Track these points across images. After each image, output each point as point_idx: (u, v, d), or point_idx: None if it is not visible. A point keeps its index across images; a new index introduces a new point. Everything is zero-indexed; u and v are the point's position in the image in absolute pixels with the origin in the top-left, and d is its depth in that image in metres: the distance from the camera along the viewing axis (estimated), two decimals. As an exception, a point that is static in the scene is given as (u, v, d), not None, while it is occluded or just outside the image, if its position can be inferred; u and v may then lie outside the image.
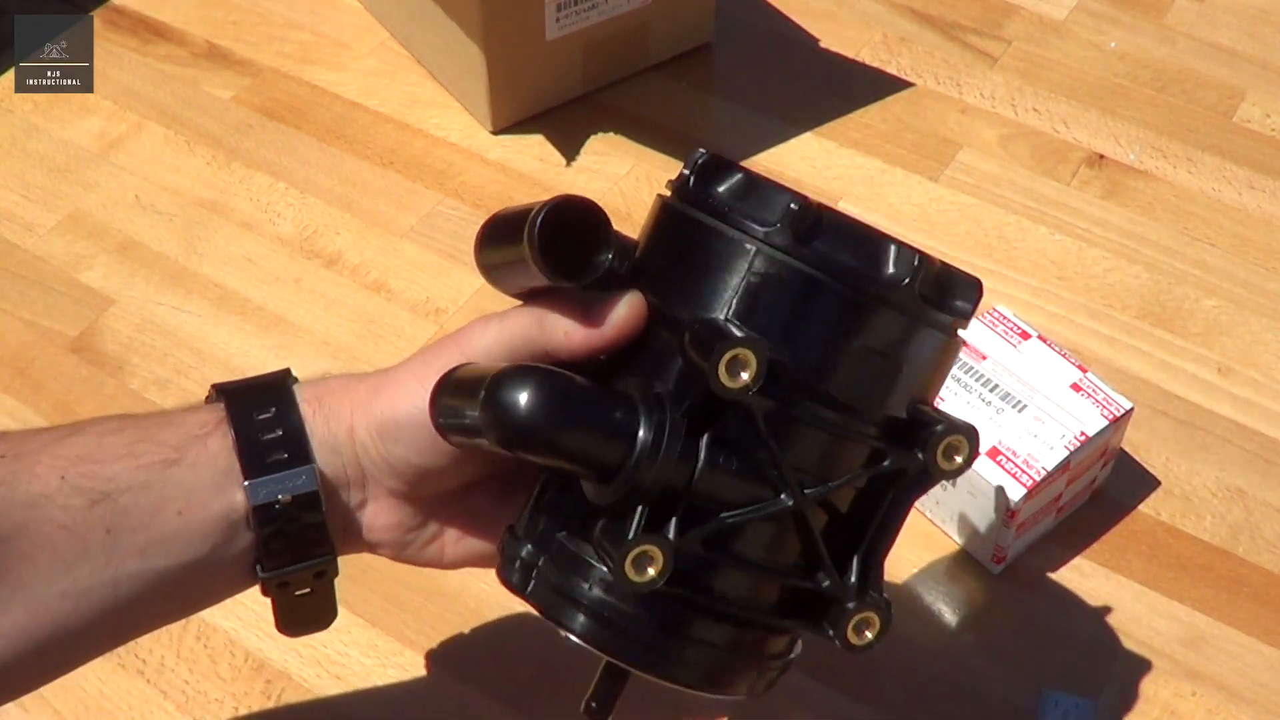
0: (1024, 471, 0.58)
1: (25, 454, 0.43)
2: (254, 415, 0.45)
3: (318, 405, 0.46)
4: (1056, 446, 0.59)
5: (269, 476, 0.45)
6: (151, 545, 0.44)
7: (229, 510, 0.45)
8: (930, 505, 0.64)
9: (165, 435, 0.45)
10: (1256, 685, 0.59)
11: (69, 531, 0.43)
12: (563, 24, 0.81)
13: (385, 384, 0.46)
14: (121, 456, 0.44)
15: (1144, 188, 0.81)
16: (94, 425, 0.45)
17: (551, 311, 0.44)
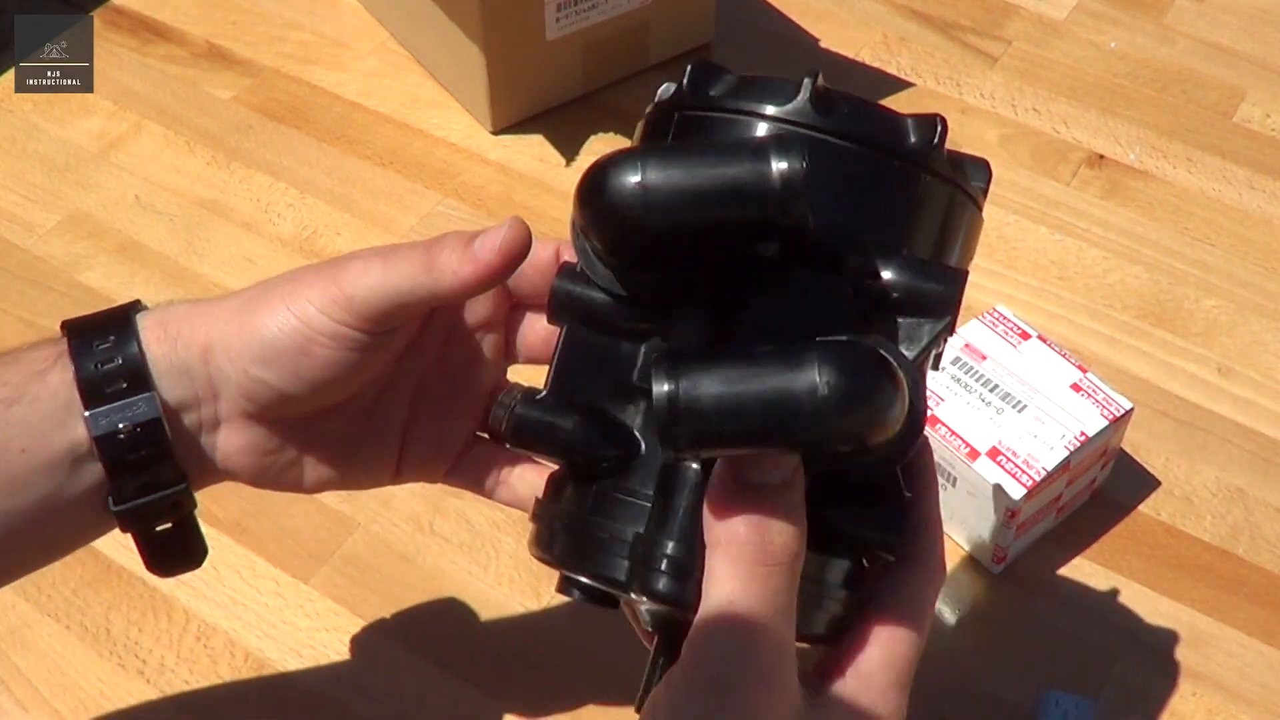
0: (1024, 471, 0.58)
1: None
2: (94, 346, 0.44)
3: (162, 332, 0.45)
4: (1056, 447, 0.59)
5: (108, 406, 0.44)
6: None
7: (73, 445, 0.44)
8: None
9: (7, 374, 0.44)
10: (1256, 685, 0.59)
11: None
12: (563, 24, 0.82)
13: (250, 307, 0.45)
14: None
15: (1144, 188, 0.81)
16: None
17: (440, 251, 0.43)
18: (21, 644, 0.61)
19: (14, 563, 0.47)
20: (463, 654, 0.60)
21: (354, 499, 0.66)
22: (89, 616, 0.62)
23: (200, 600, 0.62)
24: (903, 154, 0.39)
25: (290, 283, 0.45)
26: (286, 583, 0.63)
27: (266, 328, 0.44)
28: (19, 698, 0.59)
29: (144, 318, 0.46)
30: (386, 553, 0.64)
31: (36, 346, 0.45)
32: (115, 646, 0.61)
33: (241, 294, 0.46)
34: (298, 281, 0.45)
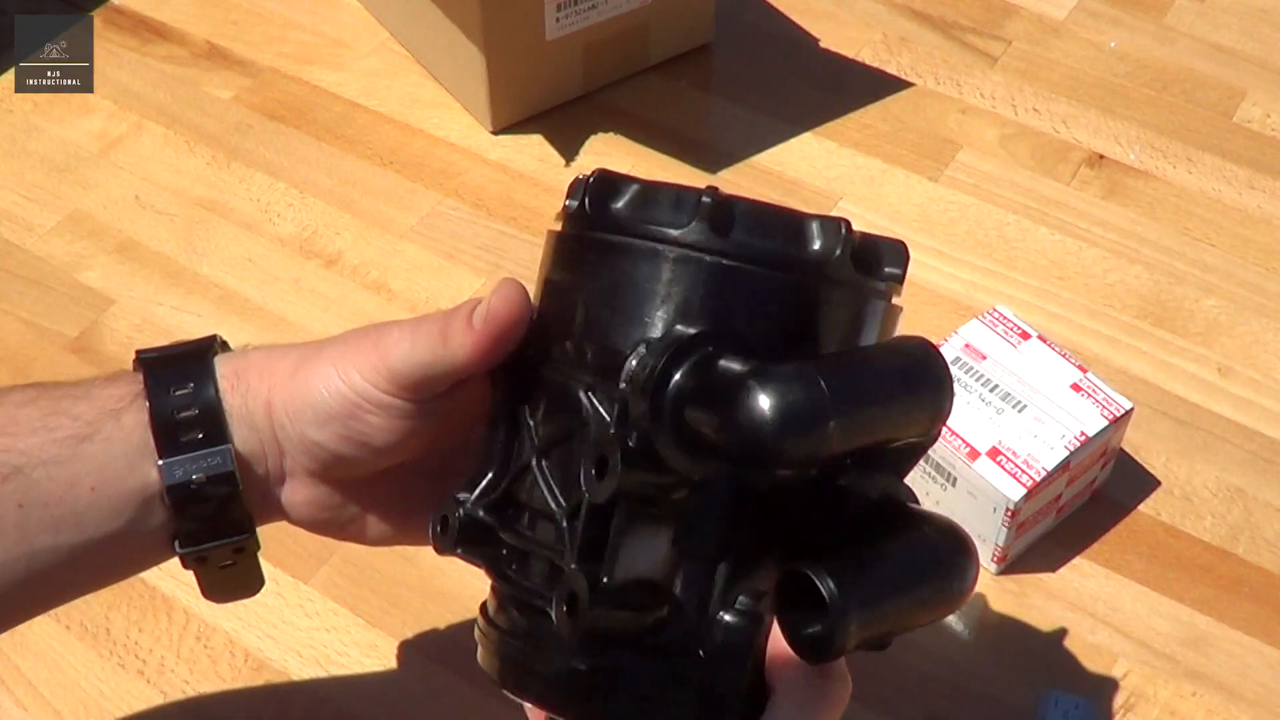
0: (1024, 471, 0.58)
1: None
2: (171, 390, 0.44)
3: (236, 380, 0.45)
4: (1056, 446, 0.59)
5: (184, 456, 0.44)
6: (64, 521, 0.44)
7: (143, 487, 0.44)
8: (930, 505, 0.63)
9: (80, 409, 0.44)
10: (1256, 685, 0.59)
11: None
12: (563, 24, 0.81)
13: (303, 367, 0.45)
14: (35, 430, 0.43)
15: (1144, 188, 0.81)
16: (7, 396, 0.44)
17: (451, 322, 0.43)
18: (21, 644, 0.61)
19: (73, 590, 0.47)
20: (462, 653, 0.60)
21: (354, 499, 0.66)
22: (89, 616, 0.61)
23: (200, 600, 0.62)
24: (804, 266, 0.38)
25: (341, 346, 0.45)
26: (286, 583, 0.63)
27: (318, 392, 0.44)
28: (19, 698, 0.59)
29: (221, 364, 0.45)
30: (386, 553, 0.64)
31: (112, 381, 0.45)
32: (115, 646, 0.61)
33: (301, 350, 0.46)
34: (347, 346, 0.45)
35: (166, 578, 0.63)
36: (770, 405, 0.34)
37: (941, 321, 0.73)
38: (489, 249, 0.78)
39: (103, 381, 0.45)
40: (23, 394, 0.45)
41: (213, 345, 0.47)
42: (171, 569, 0.63)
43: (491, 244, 0.78)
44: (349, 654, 0.60)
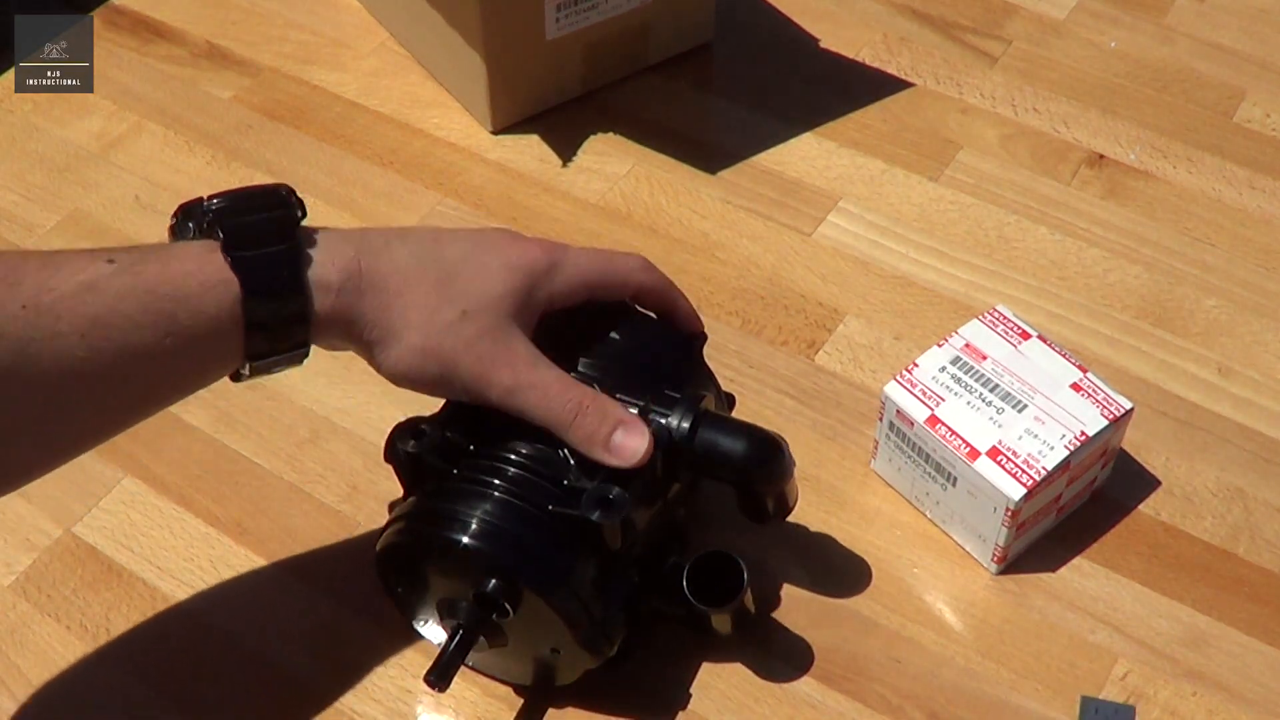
0: (1024, 471, 0.58)
1: (45, 308, 0.45)
2: (273, 333, 0.49)
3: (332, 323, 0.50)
4: (1057, 446, 0.59)
5: (268, 361, 0.51)
6: (161, 396, 0.51)
7: (234, 364, 0.50)
8: (930, 505, 0.64)
9: (182, 318, 0.47)
10: (1256, 685, 0.59)
11: (86, 388, 0.47)
12: (563, 24, 0.82)
13: (437, 356, 0.52)
14: (137, 327, 0.46)
15: (1144, 188, 0.81)
16: (105, 283, 0.46)
17: (586, 429, 0.53)
18: (21, 644, 0.61)
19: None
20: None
21: (354, 499, 0.66)
22: (89, 616, 0.62)
23: (200, 600, 0.62)
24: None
25: (482, 357, 0.52)
26: (287, 582, 0.63)
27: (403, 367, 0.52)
28: (19, 697, 0.59)
29: (319, 311, 0.50)
30: (386, 553, 0.64)
31: (211, 291, 0.48)
32: (115, 646, 0.61)
33: (442, 332, 0.52)
34: (487, 360, 0.52)
35: (166, 577, 0.63)
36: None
37: (941, 321, 0.73)
38: (489, 249, 0.78)
39: (202, 289, 0.48)
40: (116, 281, 0.47)
41: (308, 300, 0.50)
42: (171, 570, 0.63)
43: (491, 244, 0.78)
44: (349, 653, 0.60)
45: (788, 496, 0.57)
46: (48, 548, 0.64)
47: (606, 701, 0.58)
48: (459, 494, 0.53)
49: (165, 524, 0.65)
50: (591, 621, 0.53)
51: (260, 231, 0.49)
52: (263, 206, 0.51)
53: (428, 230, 0.54)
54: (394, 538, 0.53)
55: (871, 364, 0.71)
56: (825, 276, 0.76)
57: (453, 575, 0.53)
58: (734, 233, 0.78)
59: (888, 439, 0.64)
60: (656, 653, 0.59)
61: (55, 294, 0.45)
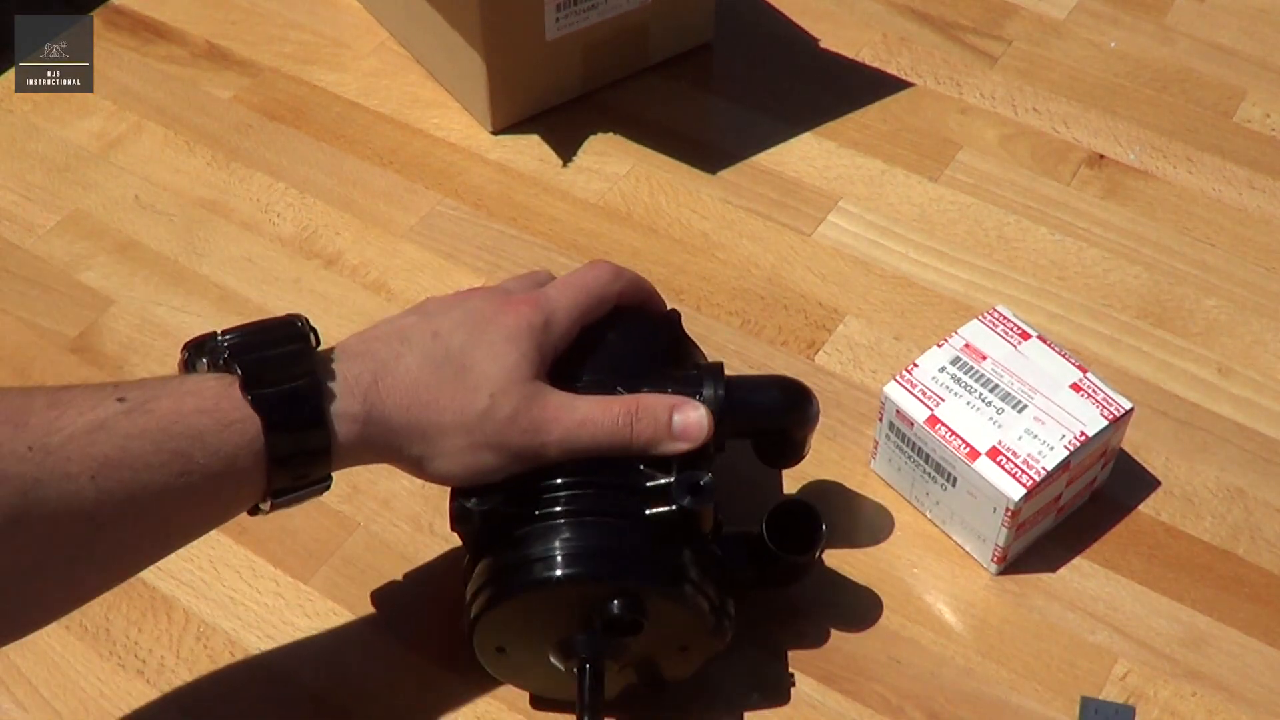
0: (1024, 471, 0.58)
1: (53, 449, 0.44)
2: (296, 469, 0.49)
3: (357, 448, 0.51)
4: (1056, 447, 0.59)
5: (290, 496, 0.50)
6: (177, 536, 0.50)
7: (253, 501, 0.50)
8: (930, 505, 0.64)
9: (198, 457, 0.46)
10: (1256, 685, 0.59)
11: (98, 530, 0.45)
12: (563, 24, 0.81)
13: (435, 452, 0.52)
14: (150, 467, 0.46)
15: (1144, 188, 0.81)
16: (115, 423, 0.46)
17: (644, 423, 0.54)
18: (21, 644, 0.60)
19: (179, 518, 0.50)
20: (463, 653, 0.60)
21: (354, 499, 0.66)
22: (89, 616, 0.61)
23: (200, 600, 0.62)
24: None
25: (515, 424, 0.52)
26: (286, 583, 0.63)
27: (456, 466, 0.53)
28: (19, 698, 0.59)
29: (340, 449, 0.50)
30: (386, 553, 0.64)
31: (230, 429, 0.47)
32: (115, 646, 0.61)
33: (461, 409, 0.52)
34: (522, 427, 0.52)
35: (166, 578, 0.63)
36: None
37: (941, 321, 0.73)
38: (488, 249, 0.78)
39: (220, 427, 0.47)
40: (128, 421, 0.46)
41: (331, 432, 0.50)
42: (171, 570, 0.63)
43: (491, 244, 0.78)
44: (350, 654, 0.60)
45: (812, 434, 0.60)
46: (48, 548, 0.64)
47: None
48: (532, 537, 0.52)
49: (165, 524, 0.65)
50: (713, 608, 0.53)
51: (279, 367, 0.49)
52: (279, 340, 0.50)
53: (425, 325, 0.54)
54: (485, 606, 0.53)
55: (871, 364, 0.71)
56: (825, 276, 0.76)
57: (560, 615, 0.53)
58: (734, 233, 0.78)
59: (887, 439, 0.64)
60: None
61: (63, 434, 0.44)
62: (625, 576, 0.52)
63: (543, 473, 0.53)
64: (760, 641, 0.60)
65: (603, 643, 0.53)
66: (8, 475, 0.43)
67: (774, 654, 0.60)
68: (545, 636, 0.54)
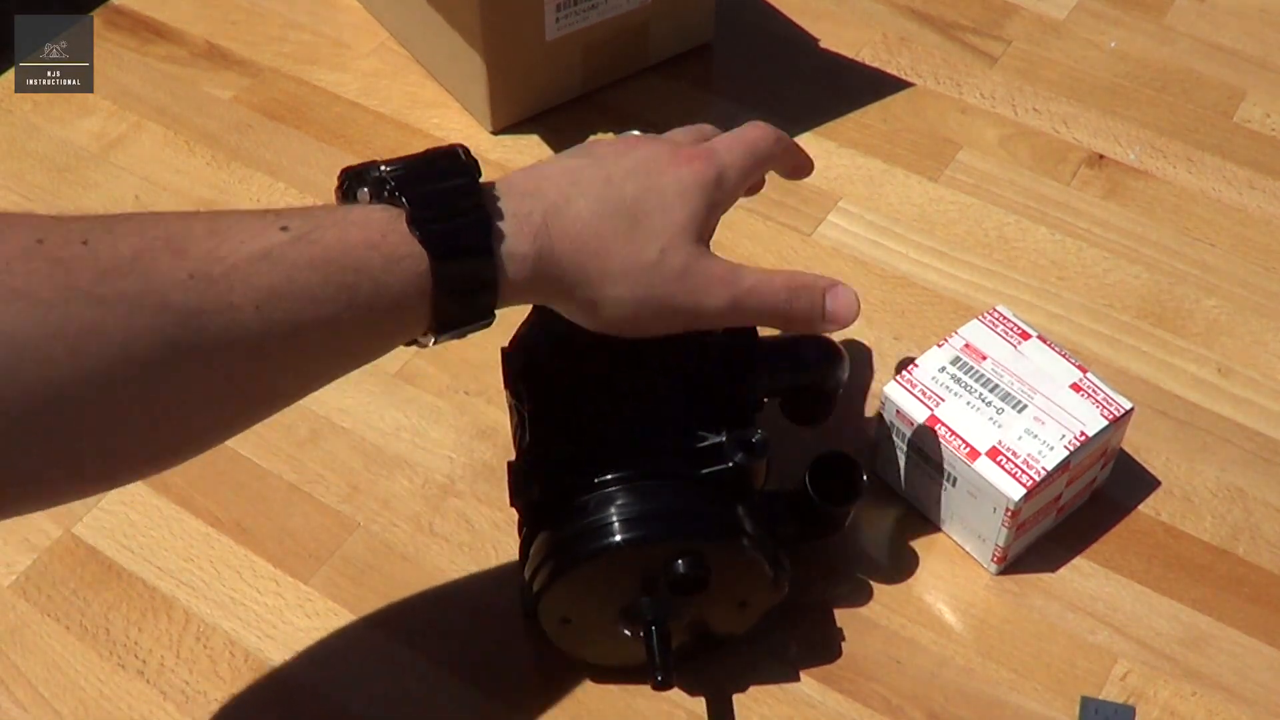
0: (1024, 471, 0.58)
1: (216, 278, 0.43)
2: (462, 305, 0.48)
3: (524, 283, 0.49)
4: (1056, 447, 0.59)
5: (454, 331, 0.49)
6: (338, 368, 0.49)
7: (416, 334, 0.49)
8: (930, 506, 0.64)
9: (364, 290, 0.45)
10: (1256, 685, 0.59)
11: (260, 362, 0.45)
12: (562, 24, 0.81)
13: (599, 299, 0.50)
14: (316, 300, 0.44)
15: (1144, 188, 0.81)
16: (281, 253, 0.44)
17: (801, 304, 0.54)
18: (21, 644, 0.61)
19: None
20: (463, 653, 0.60)
21: (354, 499, 0.66)
22: (89, 616, 0.62)
23: (200, 600, 0.62)
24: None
25: (689, 278, 0.51)
26: (286, 583, 0.63)
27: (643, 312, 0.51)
28: (19, 698, 0.59)
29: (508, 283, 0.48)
30: (386, 553, 0.64)
31: (398, 264, 0.46)
32: (115, 646, 0.61)
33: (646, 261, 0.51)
34: (698, 280, 0.51)
35: (166, 578, 0.63)
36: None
37: (941, 321, 0.73)
38: (489, 249, 0.78)
39: (388, 261, 0.46)
40: (293, 250, 0.44)
41: (498, 284, 0.48)
42: (171, 570, 0.63)
43: (491, 244, 0.78)
44: (349, 655, 0.60)
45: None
46: (48, 548, 0.64)
47: (605, 702, 0.58)
48: (590, 505, 0.53)
49: (165, 524, 0.65)
50: (771, 561, 0.54)
51: (447, 201, 0.47)
52: (445, 173, 0.49)
53: (596, 170, 0.52)
54: (550, 578, 0.53)
55: (871, 364, 0.71)
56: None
57: (623, 581, 0.54)
58: (734, 233, 0.78)
59: (888, 439, 0.64)
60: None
61: (226, 264, 0.43)
62: (686, 536, 0.53)
63: (596, 439, 0.54)
64: (760, 641, 0.60)
65: (668, 604, 0.54)
66: (169, 304, 0.42)
67: (773, 654, 0.60)
68: (610, 603, 0.55)
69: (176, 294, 0.42)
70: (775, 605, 0.57)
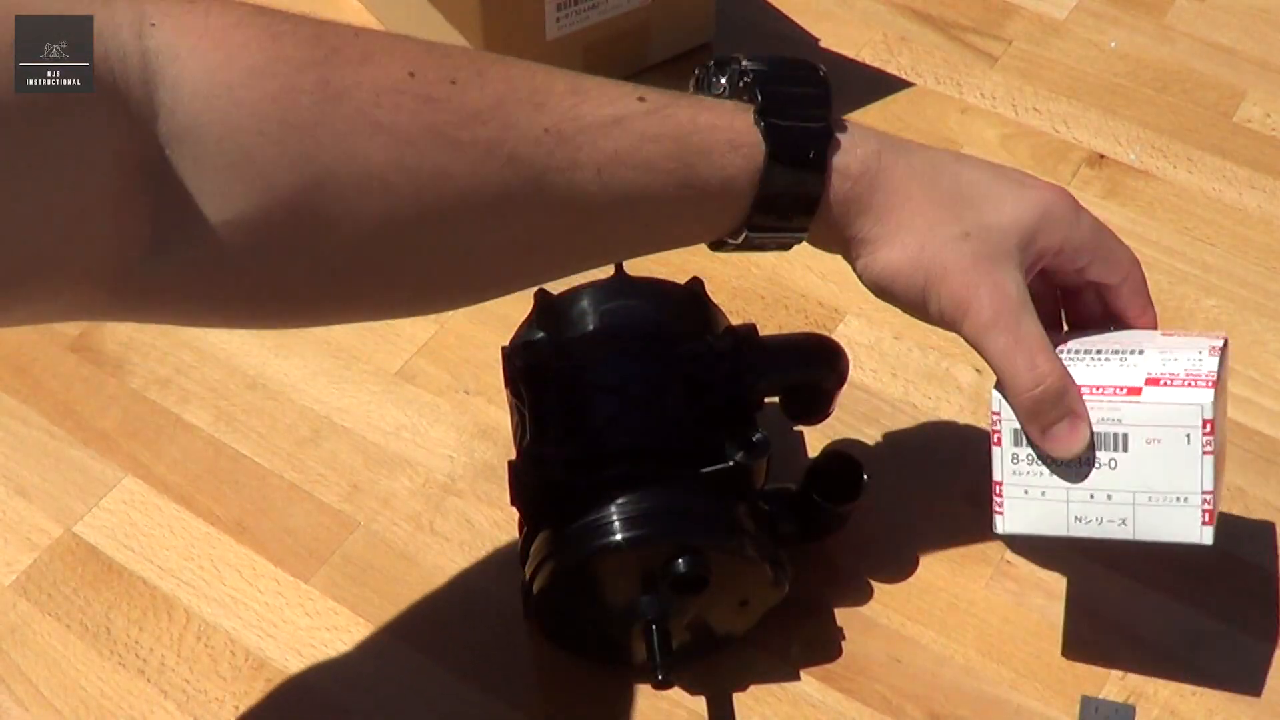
0: (1195, 379, 0.50)
1: (568, 137, 0.44)
2: (783, 208, 0.49)
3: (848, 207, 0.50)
4: (1204, 357, 0.51)
5: (770, 234, 0.50)
6: (655, 244, 0.51)
7: (730, 229, 0.50)
8: (1096, 519, 0.52)
9: (701, 171, 0.46)
10: (1256, 685, 0.59)
11: (589, 221, 0.46)
12: (563, 24, 0.82)
13: (885, 242, 0.50)
14: (655, 171, 0.46)
15: (1144, 188, 0.81)
16: (633, 121, 0.46)
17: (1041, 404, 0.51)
18: (21, 643, 0.61)
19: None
20: (463, 653, 0.60)
21: (354, 499, 0.66)
22: (89, 616, 0.62)
23: (200, 600, 0.62)
24: None
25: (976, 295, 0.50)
26: (286, 582, 0.63)
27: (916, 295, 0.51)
28: (19, 697, 0.59)
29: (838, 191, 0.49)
30: (386, 552, 0.64)
31: (737, 149, 0.47)
32: (115, 646, 0.61)
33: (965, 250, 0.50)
34: (983, 309, 0.50)
35: (167, 577, 0.63)
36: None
37: (941, 321, 0.73)
38: (489, 249, 0.78)
39: (728, 146, 0.47)
40: (646, 121, 0.46)
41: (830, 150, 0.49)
42: (172, 569, 0.63)
43: (492, 244, 0.78)
44: (349, 654, 0.60)
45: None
46: (48, 547, 0.64)
47: (605, 701, 0.58)
48: (590, 504, 0.53)
49: (165, 523, 0.65)
50: (771, 560, 0.54)
51: (799, 103, 0.48)
52: (803, 80, 0.50)
53: (953, 155, 0.52)
54: (550, 577, 0.53)
55: (872, 364, 0.71)
56: (825, 275, 0.76)
57: (623, 579, 0.54)
58: (734, 232, 0.78)
59: (1014, 470, 0.52)
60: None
61: (581, 123, 0.44)
62: (686, 535, 0.53)
63: (597, 439, 0.54)
64: (760, 640, 0.60)
65: (668, 603, 0.54)
66: (518, 156, 0.43)
67: (773, 653, 0.60)
68: (610, 602, 0.55)
69: (527, 147, 0.43)
70: (775, 605, 0.57)
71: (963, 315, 0.50)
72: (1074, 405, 0.50)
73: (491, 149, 0.42)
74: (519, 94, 0.43)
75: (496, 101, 0.43)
